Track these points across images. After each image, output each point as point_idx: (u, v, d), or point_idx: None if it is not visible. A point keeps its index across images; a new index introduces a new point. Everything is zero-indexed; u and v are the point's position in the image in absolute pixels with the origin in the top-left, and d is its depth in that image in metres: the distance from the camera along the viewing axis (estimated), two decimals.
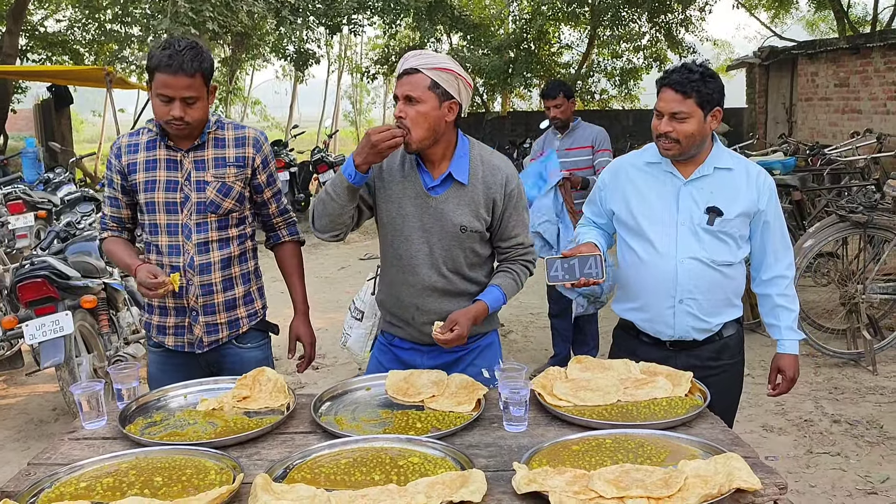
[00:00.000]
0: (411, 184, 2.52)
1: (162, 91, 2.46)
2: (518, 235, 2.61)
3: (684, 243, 2.57)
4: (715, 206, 2.55)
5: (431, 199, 2.51)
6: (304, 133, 15.08)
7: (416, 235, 2.53)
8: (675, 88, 2.47)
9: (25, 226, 7.37)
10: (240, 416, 2.26)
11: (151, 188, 2.62)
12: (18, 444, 4.43)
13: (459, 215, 2.50)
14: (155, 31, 12.33)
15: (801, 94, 13.25)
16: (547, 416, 2.23)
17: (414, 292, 2.57)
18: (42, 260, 4.34)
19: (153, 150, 2.64)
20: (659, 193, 2.61)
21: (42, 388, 5.27)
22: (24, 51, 16.29)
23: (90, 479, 1.86)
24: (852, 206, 5.40)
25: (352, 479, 1.83)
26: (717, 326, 2.64)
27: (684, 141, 2.50)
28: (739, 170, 2.60)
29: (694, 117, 2.48)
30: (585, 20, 15.69)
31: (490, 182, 2.52)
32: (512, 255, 2.64)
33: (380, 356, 2.75)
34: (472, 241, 2.54)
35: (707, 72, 2.50)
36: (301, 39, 15.01)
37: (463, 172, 2.50)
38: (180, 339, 2.72)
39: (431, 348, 2.62)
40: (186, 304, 2.67)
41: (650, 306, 2.64)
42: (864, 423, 4.38)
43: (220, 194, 2.63)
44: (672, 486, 1.69)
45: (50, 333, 4.10)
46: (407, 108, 2.39)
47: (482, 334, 2.69)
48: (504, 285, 2.58)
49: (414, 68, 2.40)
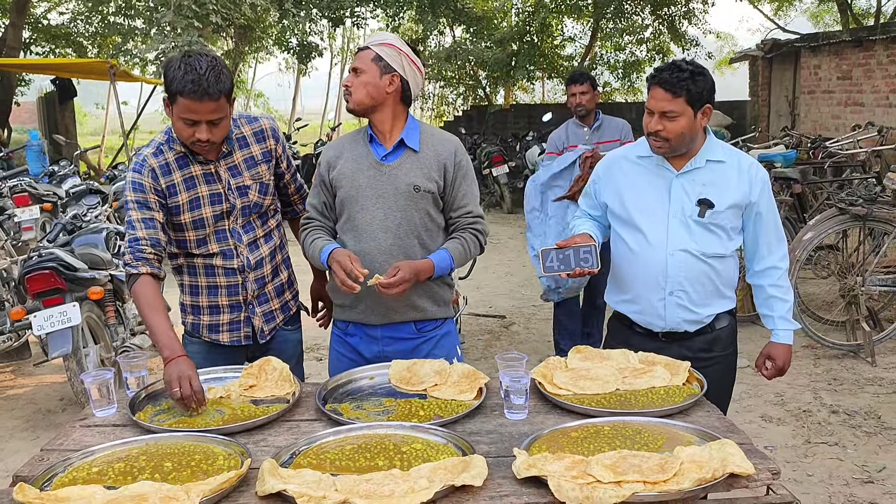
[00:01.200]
0: (363, 157, 2.68)
1: (186, 115, 2.42)
2: (468, 205, 2.73)
3: (675, 235, 2.60)
4: (706, 198, 2.58)
5: (385, 166, 2.65)
6: (307, 126, 15.11)
7: (371, 203, 2.63)
8: (665, 87, 2.50)
9: (31, 218, 7.42)
10: (247, 405, 2.31)
11: (197, 205, 2.61)
12: (27, 434, 4.50)
13: (412, 177, 2.64)
14: (158, 24, 12.37)
15: (803, 86, 13.25)
16: (547, 404, 2.28)
17: (370, 260, 2.60)
18: (50, 252, 4.39)
19: (187, 167, 2.60)
20: (651, 186, 2.65)
21: (49, 379, 5.34)
22: (27, 43, 16.32)
23: (102, 464, 1.92)
24: (852, 198, 5.43)
25: (356, 465, 1.89)
26: (709, 318, 2.67)
27: (674, 140, 2.53)
28: (732, 162, 2.63)
29: (684, 116, 2.50)
30: (588, 13, 15.67)
31: (440, 150, 2.69)
32: (462, 223, 2.73)
33: (338, 347, 2.82)
34: (426, 202, 2.65)
35: (697, 70, 2.52)
36: (304, 32, 15.03)
37: (414, 140, 2.68)
38: (237, 334, 2.77)
39: (384, 332, 2.70)
40: (243, 300, 2.73)
41: (641, 298, 2.68)
42: (862, 413, 4.43)
43: (261, 194, 2.70)
44: (668, 471, 1.74)
45: (58, 324, 4.15)
46: (353, 77, 2.64)
47: (439, 322, 2.77)
48: (452, 249, 2.66)
49: (365, 46, 2.68)
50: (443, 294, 2.77)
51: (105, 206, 5.90)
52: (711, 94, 2.55)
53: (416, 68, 2.68)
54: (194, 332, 2.79)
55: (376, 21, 16.92)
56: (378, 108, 2.64)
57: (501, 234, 10.58)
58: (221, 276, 2.70)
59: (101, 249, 4.84)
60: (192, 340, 2.81)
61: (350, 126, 26.68)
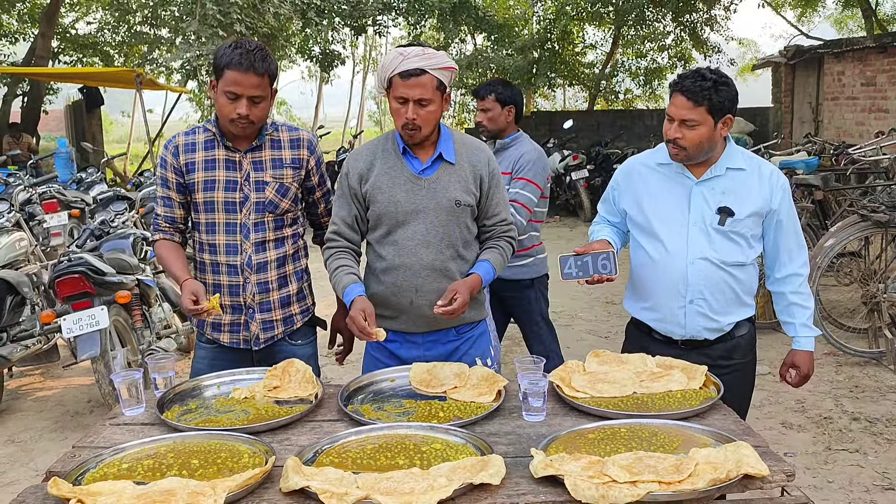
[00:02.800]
0: (399, 172, 2.62)
1: (231, 88, 2.54)
2: (501, 212, 2.74)
3: (695, 243, 2.60)
4: (726, 206, 2.58)
5: (423, 180, 2.61)
6: (329, 133, 15.24)
7: (412, 218, 2.61)
8: (687, 95, 2.49)
9: (59, 224, 7.54)
10: (271, 405, 2.36)
11: (211, 187, 2.69)
12: (56, 434, 4.59)
13: (453, 191, 2.61)
14: (184, 33, 12.55)
15: (827, 93, 13.16)
16: (565, 406, 2.31)
17: (412, 274, 2.62)
18: (79, 256, 4.48)
19: (212, 149, 2.70)
20: (671, 194, 2.65)
21: (78, 381, 5.44)
22: (55, 53, 16.62)
23: (132, 460, 1.98)
24: (875, 205, 5.41)
25: (377, 464, 1.93)
26: (729, 326, 2.68)
27: (691, 148, 2.53)
28: (752, 169, 2.63)
29: (704, 125, 2.50)
30: (610, 20, 15.69)
31: (475, 161, 2.66)
32: (496, 232, 2.74)
33: (374, 353, 2.80)
34: (466, 216, 2.65)
35: (720, 79, 2.51)
36: (326, 40, 15.17)
37: (450, 153, 2.63)
38: (236, 336, 2.80)
39: (426, 338, 2.71)
40: (243, 302, 2.75)
41: (661, 306, 2.69)
42: (883, 420, 4.40)
43: (279, 195, 2.73)
44: (683, 472, 1.77)
45: (86, 327, 4.24)
46: (419, 110, 2.49)
47: (473, 324, 2.79)
48: (492, 259, 2.68)
49: (420, 69, 2.47)
50: (479, 297, 2.78)
51: (132, 212, 6.00)
52: (733, 105, 2.54)
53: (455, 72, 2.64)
54: (201, 328, 2.86)
55: (398, 29, 17.06)
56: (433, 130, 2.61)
57: None
58: (225, 274, 2.74)
59: (128, 254, 4.93)
60: (200, 345, 2.89)
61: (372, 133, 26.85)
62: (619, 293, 7.28)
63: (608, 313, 6.92)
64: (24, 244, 5.73)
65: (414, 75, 2.47)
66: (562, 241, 9.97)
